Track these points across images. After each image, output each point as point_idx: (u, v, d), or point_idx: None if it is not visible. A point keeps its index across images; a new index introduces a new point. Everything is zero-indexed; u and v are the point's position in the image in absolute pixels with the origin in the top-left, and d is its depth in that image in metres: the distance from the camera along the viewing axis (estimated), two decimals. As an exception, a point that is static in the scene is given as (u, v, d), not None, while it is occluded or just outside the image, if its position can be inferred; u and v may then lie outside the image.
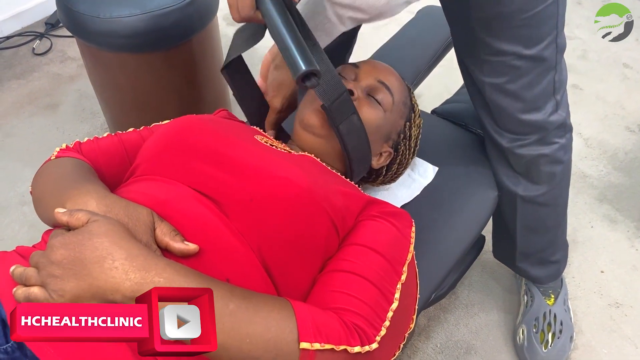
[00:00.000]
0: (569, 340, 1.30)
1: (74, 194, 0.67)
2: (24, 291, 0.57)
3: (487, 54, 0.97)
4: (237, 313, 0.57)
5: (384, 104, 0.91)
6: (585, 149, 1.81)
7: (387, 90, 0.92)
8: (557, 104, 1.04)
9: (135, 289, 0.55)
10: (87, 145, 0.85)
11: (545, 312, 1.31)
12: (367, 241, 0.73)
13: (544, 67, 0.98)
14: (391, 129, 0.95)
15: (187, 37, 1.47)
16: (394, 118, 0.94)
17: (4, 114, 1.98)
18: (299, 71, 0.68)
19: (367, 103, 0.90)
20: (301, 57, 0.69)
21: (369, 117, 0.88)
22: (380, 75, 0.93)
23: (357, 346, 0.61)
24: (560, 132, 1.08)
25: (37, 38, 2.28)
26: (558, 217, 1.24)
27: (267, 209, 0.71)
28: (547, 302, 1.32)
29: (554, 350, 1.27)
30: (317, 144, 0.89)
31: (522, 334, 1.31)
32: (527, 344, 1.29)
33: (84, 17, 1.37)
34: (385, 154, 0.96)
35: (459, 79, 1.12)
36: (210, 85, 1.67)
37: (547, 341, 1.28)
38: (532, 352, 1.28)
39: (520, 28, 0.92)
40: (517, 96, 1.00)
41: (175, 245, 0.63)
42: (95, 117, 1.95)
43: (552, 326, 1.30)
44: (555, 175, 1.13)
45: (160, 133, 0.83)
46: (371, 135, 0.89)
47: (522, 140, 1.06)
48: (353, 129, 0.84)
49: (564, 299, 1.34)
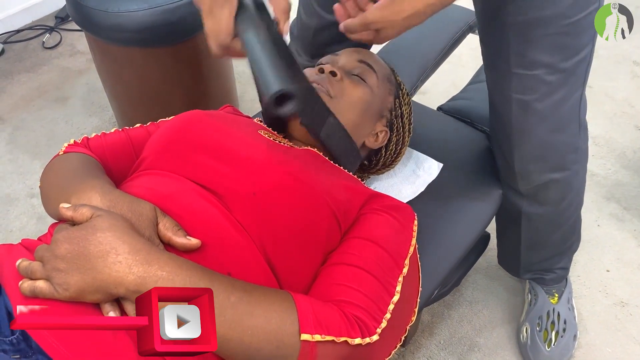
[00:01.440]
0: (572, 339, 1.30)
1: (78, 189, 0.68)
2: (30, 284, 0.58)
3: (519, 67, 0.91)
4: (239, 306, 0.58)
5: (368, 81, 0.92)
6: (593, 147, 1.80)
7: (369, 67, 0.93)
8: (580, 125, 1.01)
9: (139, 283, 0.56)
10: (94, 140, 0.86)
11: (549, 310, 1.31)
12: (369, 234, 0.74)
13: (574, 83, 0.94)
14: (381, 105, 0.95)
15: (195, 32, 1.47)
16: (381, 94, 0.94)
17: (14, 107, 2.00)
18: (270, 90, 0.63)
19: (351, 82, 0.90)
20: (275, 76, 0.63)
21: (355, 94, 0.89)
22: (360, 56, 0.95)
23: (358, 338, 0.61)
24: (576, 157, 1.05)
25: (47, 32, 2.30)
26: (565, 234, 1.21)
27: (270, 202, 0.71)
28: (551, 301, 1.32)
29: (557, 349, 1.27)
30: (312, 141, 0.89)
31: (525, 333, 1.31)
32: (531, 342, 1.29)
33: (92, 12, 1.38)
34: (382, 133, 0.96)
35: (466, 75, 1.12)
36: (217, 80, 1.67)
37: (551, 340, 1.28)
38: (536, 350, 1.27)
39: (559, 36, 0.87)
40: (544, 116, 0.95)
41: (177, 240, 0.64)
42: (103, 111, 1.97)
43: (555, 325, 1.29)
44: (564, 200, 1.10)
45: (166, 127, 0.84)
46: (362, 114, 0.90)
47: (536, 164, 1.02)
48: (332, 130, 0.85)
49: (568, 297, 1.34)
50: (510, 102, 0.96)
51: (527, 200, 1.11)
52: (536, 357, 1.27)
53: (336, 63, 0.94)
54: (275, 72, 0.64)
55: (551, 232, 1.18)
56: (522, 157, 1.02)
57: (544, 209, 1.12)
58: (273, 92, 0.63)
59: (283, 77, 0.64)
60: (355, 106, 0.90)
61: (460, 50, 1.79)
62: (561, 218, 1.16)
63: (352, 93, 0.89)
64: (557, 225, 1.17)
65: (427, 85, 2.02)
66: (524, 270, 1.30)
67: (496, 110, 1.03)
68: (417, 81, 1.35)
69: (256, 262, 0.68)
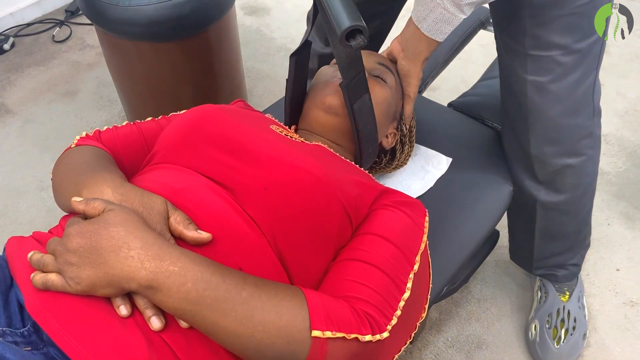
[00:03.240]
0: (581, 338, 1.29)
1: (90, 182, 0.68)
2: (42, 277, 0.58)
3: (534, 49, 0.93)
4: (250, 301, 0.58)
5: (390, 83, 0.95)
6: (604, 145, 1.78)
7: (389, 71, 0.97)
8: (594, 110, 1.02)
9: (151, 278, 0.56)
10: (106, 133, 0.87)
11: (559, 308, 1.30)
12: (380, 230, 0.73)
13: (589, 65, 0.95)
14: (396, 108, 0.99)
15: (205, 26, 1.47)
16: (397, 97, 0.99)
17: (24, 100, 2.01)
18: (343, 26, 0.69)
19: (377, 82, 0.93)
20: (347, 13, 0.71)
21: (380, 93, 0.92)
22: (378, 59, 0.98)
23: (369, 335, 0.61)
24: (591, 143, 1.05)
25: (57, 25, 2.31)
26: (579, 224, 1.22)
27: (282, 197, 0.71)
28: (562, 299, 1.31)
29: (566, 346, 1.26)
30: (336, 124, 0.90)
31: (534, 330, 1.30)
32: (539, 339, 1.28)
33: (103, 5, 1.38)
34: (392, 135, 1.00)
35: (477, 72, 1.11)
36: (226, 75, 1.67)
37: (560, 337, 1.27)
38: (544, 348, 1.27)
39: (574, 17, 0.88)
40: (559, 97, 0.97)
41: (188, 234, 0.64)
42: (112, 105, 1.97)
43: (565, 323, 1.28)
44: (580, 186, 1.11)
45: (178, 121, 0.84)
46: (383, 114, 0.94)
47: (552, 147, 1.03)
48: (365, 109, 0.86)
49: (578, 296, 1.33)
50: (526, 84, 0.97)
51: (544, 188, 1.11)
52: (545, 355, 1.26)
53: None
54: (347, 11, 0.72)
55: (566, 222, 1.18)
56: (537, 140, 1.04)
57: (560, 197, 1.12)
58: (347, 27, 0.71)
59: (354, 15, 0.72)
60: (380, 104, 0.92)
61: (470, 46, 1.78)
62: (576, 206, 1.17)
63: (376, 91, 0.92)
64: (572, 214, 1.18)
65: (437, 82, 2.01)
66: (536, 265, 1.29)
67: (512, 94, 1.04)
68: (427, 77, 1.34)
69: (267, 257, 0.68)
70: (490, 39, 1.60)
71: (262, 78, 2.09)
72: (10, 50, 2.20)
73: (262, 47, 2.22)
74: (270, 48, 2.22)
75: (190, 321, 0.58)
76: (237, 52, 1.71)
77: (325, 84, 0.91)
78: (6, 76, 2.09)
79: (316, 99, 0.91)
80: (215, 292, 0.57)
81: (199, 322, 0.58)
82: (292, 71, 0.91)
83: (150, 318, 0.59)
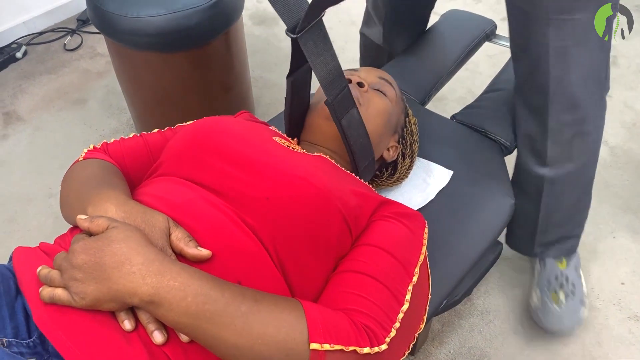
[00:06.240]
0: (580, 304, 1.31)
1: (95, 199, 0.70)
2: (49, 292, 0.60)
3: (556, 13, 0.96)
4: (249, 315, 0.59)
5: (389, 96, 0.99)
6: (611, 158, 1.78)
7: (389, 84, 1.00)
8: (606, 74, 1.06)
9: (152, 293, 0.57)
10: (113, 146, 0.89)
11: (557, 274, 1.33)
12: (379, 242, 0.74)
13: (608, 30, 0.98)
14: (397, 121, 1.03)
15: (212, 37, 1.49)
16: (398, 110, 1.03)
17: (35, 107, 2.04)
18: None
19: (377, 94, 0.97)
20: None
21: (380, 105, 0.96)
22: (379, 74, 1.03)
23: (367, 347, 0.62)
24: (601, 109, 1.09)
25: (68, 34, 2.34)
26: (583, 194, 1.26)
27: (283, 206, 0.72)
28: (559, 266, 1.34)
29: (567, 309, 1.29)
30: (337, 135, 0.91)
31: (535, 297, 1.33)
32: (541, 305, 1.31)
33: (112, 16, 1.40)
34: (393, 148, 1.03)
35: (483, 83, 1.12)
36: (233, 85, 1.69)
37: (561, 301, 1.29)
38: (546, 311, 1.29)
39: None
40: (580, 61, 1.00)
41: (189, 251, 0.66)
42: (121, 113, 2.00)
43: (564, 286, 1.31)
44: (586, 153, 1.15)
45: (184, 133, 0.86)
46: (384, 124, 0.97)
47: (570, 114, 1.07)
48: (354, 123, 0.88)
49: (575, 266, 1.36)
50: (548, 50, 1.00)
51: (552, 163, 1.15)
52: (546, 318, 1.29)
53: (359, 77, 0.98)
54: None
55: (570, 193, 1.22)
56: (556, 109, 1.07)
57: (568, 168, 1.16)
58: None
59: None
60: (380, 116, 0.95)
61: (477, 57, 1.78)
62: (582, 175, 1.20)
63: (377, 103, 0.95)
64: (577, 184, 1.21)
65: (444, 92, 2.02)
66: (538, 242, 1.31)
67: (529, 66, 1.07)
68: (431, 90, 1.34)
69: (268, 269, 0.69)
70: (497, 50, 1.61)
71: (269, 87, 2.10)
72: (23, 58, 2.23)
73: (270, 56, 2.24)
74: (278, 57, 2.24)
75: (191, 334, 0.60)
76: (245, 62, 1.73)
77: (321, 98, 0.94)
78: (18, 84, 2.13)
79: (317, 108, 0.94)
80: (215, 306, 0.58)
81: (200, 335, 0.59)
82: (290, 92, 0.92)
83: (152, 332, 0.60)
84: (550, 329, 1.30)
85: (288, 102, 0.93)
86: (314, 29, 0.76)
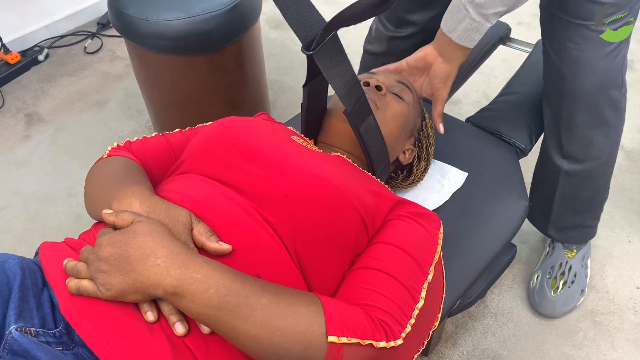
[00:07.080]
0: (579, 293, 1.38)
1: (119, 195, 0.72)
2: (76, 283, 0.62)
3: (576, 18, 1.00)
4: (269, 307, 0.61)
5: (407, 100, 1.00)
6: (627, 162, 1.77)
7: (407, 88, 1.01)
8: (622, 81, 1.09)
9: (175, 285, 0.59)
10: (136, 144, 0.92)
11: (562, 262, 1.40)
12: (396, 240, 0.75)
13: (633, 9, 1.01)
14: (414, 124, 1.04)
15: (230, 40, 1.52)
16: (415, 113, 1.03)
17: (56, 109, 2.08)
18: None
19: (394, 98, 0.98)
20: None
21: (398, 109, 0.97)
22: (397, 77, 1.04)
23: (383, 341, 0.63)
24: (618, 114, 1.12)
25: (89, 37, 2.39)
26: (599, 188, 1.29)
27: (301, 204, 0.74)
28: (567, 255, 1.40)
29: (562, 296, 1.36)
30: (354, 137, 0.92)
31: (535, 279, 1.40)
32: (539, 287, 1.39)
33: (132, 20, 1.43)
34: (409, 151, 1.04)
35: (499, 87, 1.13)
36: (250, 88, 1.71)
37: (558, 287, 1.37)
38: (541, 294, 1.38)
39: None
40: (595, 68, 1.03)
41: (210, 245, 0.67)
42: (140, 115, 2.03)
43: (565, 275, 1.38)
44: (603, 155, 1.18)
45: (205, 132, 0.88)
46: (401, 128, 0.98)
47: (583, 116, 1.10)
48: (371, 129, 0.90)
49: (583, 255, 1.41)
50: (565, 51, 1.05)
51: (569, 158, 1.19)
52: (540, 300, 1.38)
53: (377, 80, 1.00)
54: None
55: (587, 186, 1.25)
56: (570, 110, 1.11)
57: (584, 166, 1.19)
58: None
59: None
60: (397, 119, 0.96)
61: (493, 61, 1.79)
62: (599, 174, 1.24)
63: (395, 107, 0.96)
64: (594, 180, 1.25)
65: (459, 96, 2.03)
66: (553, 224, 1.36)
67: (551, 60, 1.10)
68: (446, 93, 1.35)
69: (286, 265, 0.71)
70: (512, 54, 1.61)
71: (285, 90, 2.13)
72: (45, 61, 2.29)
73: (286, 60, 2.27)
74: (294, 61, 2.26)
75: (213, 326, 0.61)
76: (261, 65, 1.76)
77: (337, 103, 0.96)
78: (40, 86, 2.18)
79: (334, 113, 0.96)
80: (236, 298, 0.60)
81: (221, 326, 0.60)
82: (306, 99, 0.93)
83: (174, 324, 0.62)
84: (542, 312, 1.38)
85: (304, 108, 0.95)
86: (329, 43, 0.76)
